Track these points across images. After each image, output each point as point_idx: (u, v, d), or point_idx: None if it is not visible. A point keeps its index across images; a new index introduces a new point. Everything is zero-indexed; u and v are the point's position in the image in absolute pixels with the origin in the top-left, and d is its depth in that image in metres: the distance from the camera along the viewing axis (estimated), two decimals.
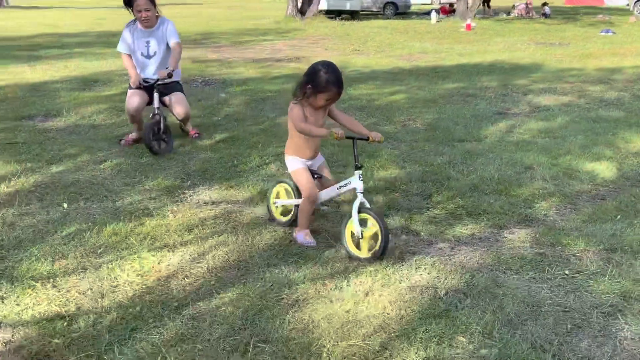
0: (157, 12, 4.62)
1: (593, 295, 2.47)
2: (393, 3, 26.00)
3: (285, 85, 7.61)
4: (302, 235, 2.99)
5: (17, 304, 2.36)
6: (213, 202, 3.55)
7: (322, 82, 2.78)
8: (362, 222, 2.78)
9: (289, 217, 3.16)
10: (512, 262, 2.78)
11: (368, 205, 2.82)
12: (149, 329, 2.20)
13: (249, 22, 19.80)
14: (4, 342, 2.11)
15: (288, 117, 2.98)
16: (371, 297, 2.44)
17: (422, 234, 3.12)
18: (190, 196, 3.65)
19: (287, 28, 17.07)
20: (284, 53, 11.29)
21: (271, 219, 3.24)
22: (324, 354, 2.05)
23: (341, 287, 2.52)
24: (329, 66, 2.83)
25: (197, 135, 5.02)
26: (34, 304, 2.36)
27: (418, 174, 4.09)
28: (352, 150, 2.90)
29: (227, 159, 4.42)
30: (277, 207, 3.24)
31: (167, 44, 4.64)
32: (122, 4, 4.69)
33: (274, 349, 2.08)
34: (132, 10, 4.55)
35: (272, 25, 17.98)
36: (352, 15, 22.12)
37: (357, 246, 2.80)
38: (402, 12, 25.60)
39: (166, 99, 4.69)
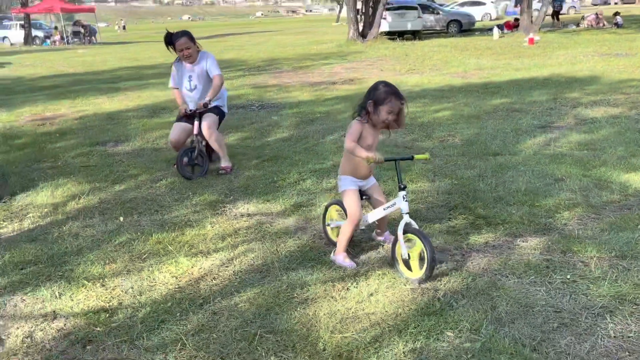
0: (198, 47, 5.01)
1: (588, 297, 2.57)
2: (457, 21, 25.95)
3: (334, 107, 7.97)
4: (342, 258, 3.06)
5: (71, 299, 2.80)
6: (249, 215, 3.91)
7: (381, 95, 2.89)
8: (409, 242, 2.84)
9: None
10: (516, 267, 2.91)
11: (415, 226, 2.84)
12: (176, 321, 2.55)
13: (313, 47, 20.47)
14: (57, 329, 2.53)
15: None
16: (374, 297, 2.67)
17: (437, 242, 3.30)
18: (229, 209, 4.03)
19: (348, 51, 17.52)
20: (340, 76, 11.68)
21: (329, 241, 3.32)
22: (320, 344, 2.31)
23: (348, 288, 2.77)
24: (385, 82, 2.99)
25: (224, 172, 4.93)
26: (84, 299, 2.79)
27: (446, 187, 4.26)
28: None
29: (269, 176, 4.79)
30: (331, 228, 3.35)
31: (209, 77, 4.97)
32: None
33: (277, 338, 2.37)
34: (175, 49, 4.92)
35: (334, 49, 18.51)
36: (414, 35, 22.27)
37: (408, 267, 2.84)
38: (467, 29, 25.45)
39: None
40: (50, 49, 30.38)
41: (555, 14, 24.28)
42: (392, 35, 21.49)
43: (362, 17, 21.70)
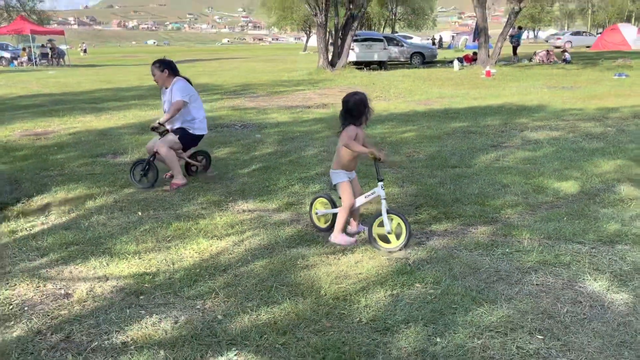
0: (167, 73, 5.43)
1: (520, 262, 3.41)
2: (420, 53, 27.51)
3: (312, 127, 8.80)
4: (343, 237, 3.81)
5: (117, 267, 3.47)
6: (249, 210, 4.64)
7: (364, 99, 3.75)
8: (390, 220, 3.67)
9: (328, 224, 4.06)
10: (468, 245, 3.74)
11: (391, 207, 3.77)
12: (206, 280, 3.26)
13: (284, 74, 21.43)
14: (112, 286, 3.20)
15: (340, 139, 3.80)
16: (360, 263, 3.45)
17: None
18: (232, 207, 4.76)
19: (318, 79, 18.52)
20: (314, 101, 12.58)
21: (316, 227, 4.11)
22: (322, 291, 3.06)
23: (339, 258, 3.53)
24: (351, 94, 3.80)
25: (170, 188, 5.30)
26: (127, 267, 3.46)
27: (413, 191, 5.10)
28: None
29: (261, 182, 5.53)
30: (318, 216, 4.14)
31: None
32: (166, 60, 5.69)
33: (289, 289, 3.10)
34: None
35: (305, 77, 19.50)
36: (380, 65, 23.56)
37: (385, 240, 3.67)
38: (429, 62, 27.00)
39: None
40: (17, 69, 30.37)
41: (514, 49, 26.10)
42: (360, 65, 22.70)
43: (332, 47, 22.86)
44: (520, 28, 28.45)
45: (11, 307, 2.98)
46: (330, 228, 4.03)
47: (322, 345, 2.53)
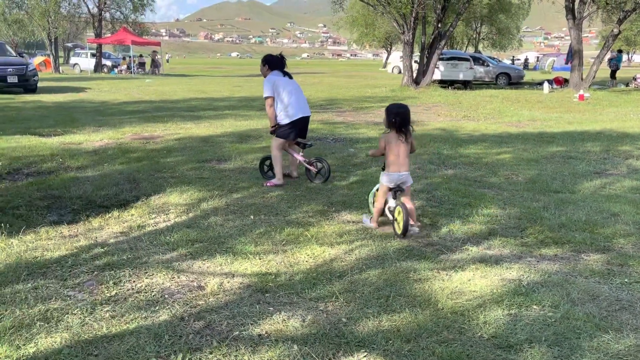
0: (267, 68, 6.11)
1: None
2: (506, 74, 26.89)
3: None
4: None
5: (241, 265, 3.72)
6: (353, 222, 4.80)
7: None
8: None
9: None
10: (583, 271, 3.69)
11: None
12: (324, 285, 3.43)
13: (367, 90, 21.67)
14: (240, 282, 3.45)
15: (411, 145, 4.62)
16: (472, 281, 3.50)
17: (514, 252, 4.11)
18: (336, 217, 4.94)
19: (402, 96, 18.57)
20: None
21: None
22: (439, 305, 3.14)
23: (451, 275, 3.60)
24: (403, 107, 4.62)
25: (264, 184, 6.08)
26: (250, 266, 3.71)
27: (516, 214, 5.06)
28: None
29: (360, 195, 5.69)
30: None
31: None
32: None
33: (406, 300, 3.22)
34: None
35: (389, 94, 19.62)
36: (465, 84, 23.26)
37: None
38: (515, 83, 26.33)
39: None
40: (117, 77, 32.59)
41: (612, 73, 24.94)
42: (444, 83, 22.53)
43: (416, 64, 22.87)
44: (620, 51, 27.16)
45: (153, 294, 3.29)
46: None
47: (447, 355, 2.62)
